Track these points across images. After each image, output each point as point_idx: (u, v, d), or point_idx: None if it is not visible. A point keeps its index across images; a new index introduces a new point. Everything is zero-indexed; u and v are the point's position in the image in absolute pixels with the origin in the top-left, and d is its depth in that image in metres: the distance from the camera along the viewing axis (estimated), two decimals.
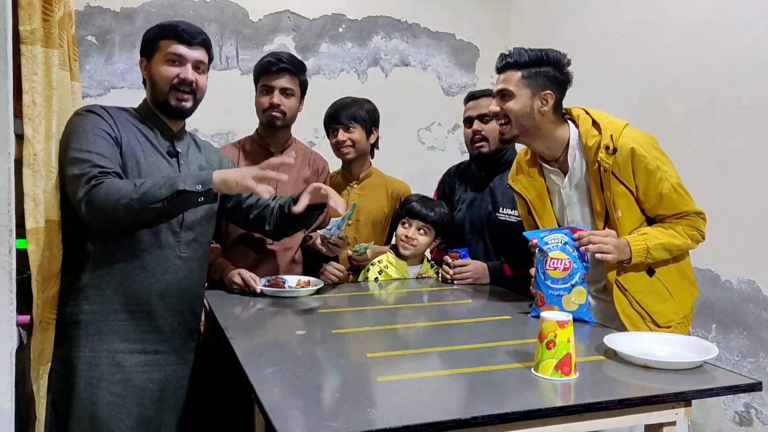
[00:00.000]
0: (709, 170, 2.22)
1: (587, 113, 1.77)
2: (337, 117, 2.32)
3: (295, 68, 2.18)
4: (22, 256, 1.35)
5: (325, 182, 2.27)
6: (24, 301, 1.37)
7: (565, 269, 1.65)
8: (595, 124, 1.74)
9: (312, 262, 2.30)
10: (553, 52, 1.74)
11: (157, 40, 1.66)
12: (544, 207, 1.86)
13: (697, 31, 2.39)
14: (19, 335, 1.38)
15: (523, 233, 1.78)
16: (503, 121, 1.76)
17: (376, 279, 2.26)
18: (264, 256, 2.17)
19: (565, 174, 1.80)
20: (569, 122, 1.79)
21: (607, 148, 1.67)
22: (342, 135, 2.30)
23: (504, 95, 1.74)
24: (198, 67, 1.70)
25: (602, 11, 2.79)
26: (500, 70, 1.78)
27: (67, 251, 1.56)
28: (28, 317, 1.45)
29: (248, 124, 2.30)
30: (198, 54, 1.69)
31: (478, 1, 3.53)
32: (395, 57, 3.39)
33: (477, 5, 3.53)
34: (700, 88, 2.37)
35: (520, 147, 2.00)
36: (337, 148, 2.34)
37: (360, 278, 2.28)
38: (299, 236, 2.26)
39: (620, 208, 1.69)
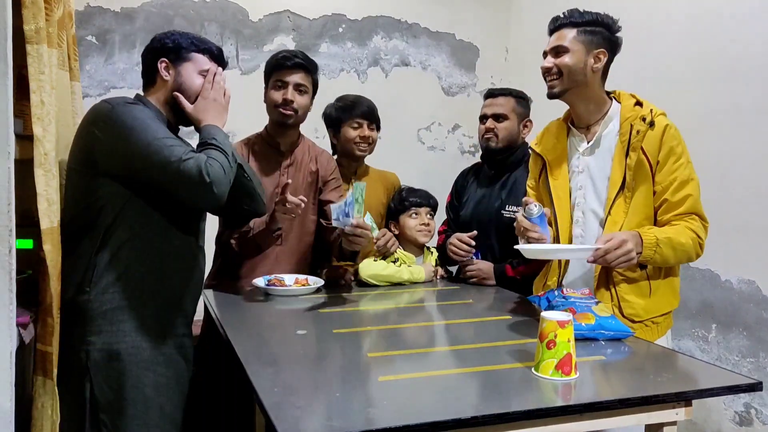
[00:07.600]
0: (709, 170, 2.21)
1: (633, 96, 1.82)
2: (367, 113, 2.32)
3: (310, 65, 2.13)
4: (22, 256, 1.35)
5: (333, 174, 2.24)
6: (24, 301, 1.37)
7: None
8: (638, 103, 1.79)
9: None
10: (606, 15, 1.79)
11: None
12: (560, 169, 1.88)
13: (697, 31, 2.39)
14: (19, 335, 1.38)
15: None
16: (555, 77, 1.78)
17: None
18: (275, 253, 2.13)
19: (588, 142, 1.83)
20: (613, 99, 1.83)
21: (644, 119, 1.72)
22: (367, 131, 2.32)
23: (558, 51, 1.77)
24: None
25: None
26: (554, 30, 1.81)
27: (100, 243, 1.57)
28: (28, 317, 1.45)
29: (248, 124, 2.29)
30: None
31: (478, 1, 3.53)
32: (395, 57, 3.39)
33: (477, 5, 3.52)
34: (700, 88, 2.37)
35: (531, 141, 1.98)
36: (357, 142, 2.32)
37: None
38: (310, 240, 2.22)
39: (636, 178, 1.71)
